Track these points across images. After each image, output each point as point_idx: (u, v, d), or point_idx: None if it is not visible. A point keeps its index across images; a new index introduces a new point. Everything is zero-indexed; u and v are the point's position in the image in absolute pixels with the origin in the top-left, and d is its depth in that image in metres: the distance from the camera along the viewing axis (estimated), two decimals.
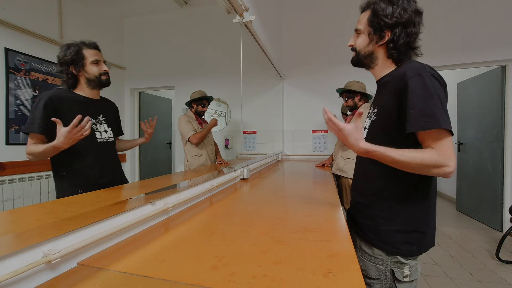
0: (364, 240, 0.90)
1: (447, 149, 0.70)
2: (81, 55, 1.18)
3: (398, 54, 0.85)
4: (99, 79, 1.22)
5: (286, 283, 0.49)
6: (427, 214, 0.83)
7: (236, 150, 3.37)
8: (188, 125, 2.25)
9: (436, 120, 0.70)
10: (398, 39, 0.83)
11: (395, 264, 0.84)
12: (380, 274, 0.86)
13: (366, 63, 0.93)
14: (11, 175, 2.18)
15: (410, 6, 0.82)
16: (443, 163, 0.69)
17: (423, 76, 0.74)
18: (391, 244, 0.83)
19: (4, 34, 2.23)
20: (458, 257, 2.44)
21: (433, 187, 0.84)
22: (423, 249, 0.84)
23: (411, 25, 0.81)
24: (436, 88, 0.73)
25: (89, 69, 1.19)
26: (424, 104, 0.72)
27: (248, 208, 1.07)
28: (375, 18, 0.85)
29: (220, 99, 3.51)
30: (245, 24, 1.77)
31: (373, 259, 0.87)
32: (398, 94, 0.78)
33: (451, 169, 0.70)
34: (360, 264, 0.87)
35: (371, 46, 0.89)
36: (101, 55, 1.25)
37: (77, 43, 1.19)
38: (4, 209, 2.12)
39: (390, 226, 0.84)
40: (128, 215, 0.78)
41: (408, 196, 0.82)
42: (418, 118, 0.71)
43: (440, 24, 2.96)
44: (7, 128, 2.22)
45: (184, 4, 3.34)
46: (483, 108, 3.30)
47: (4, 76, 2.22)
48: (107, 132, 1.28)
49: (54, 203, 0.85)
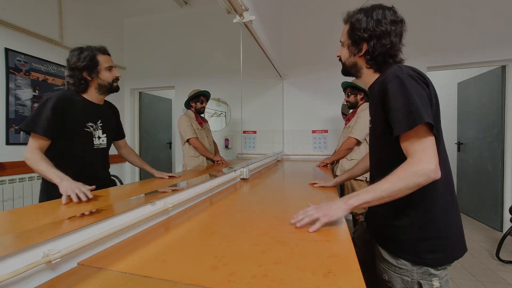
0: (386, 250, 0.86)
1: (424, 151, 0.71)
2: (96, 61, 1.17)
3: (376, 63, 0.88)
4: (111, 85, 1.23)
5: (286, 283, 0.49)
6: (445, 217, 0.80)
7: (236, 150, 3.37)
8: (188, 126, 2.25)
9: (419, 116, 0.70)
10: (374, 51, 0.85)
11: (422, 276, 0.79)
12: (407, 286, 0.81)
13: (353, 72, 0.97)
14: (11, 175, 2.18)
15: (386, 17, 0.84)
16: (418, 165, 0.70)
17: (401, 77, 0.76)
18: (414, 254, 0.79)
19: (4, 34, 2.23)
20: None
21: (448, 189, 0.81)
22: (451, 257, 0.80)
23: (386, 36, 0.83)
24: (413, 87, 0.74)
25: (103, 75, 1.19)
26: (405, 104, 0.73)
27: (248, 208, 1.07)
28: (352, 31, 0.89)
29: (220, 99, 3.51)
30: (245, 24, 1.77)
31: (397, 269, 0.82)
32: (381, 100, 0.80)
33: (432, 168, 0.69)
34: (384, 275, 0.86)
35: (352, 57, 0.93)
36: (112, 60, 1.24)
37: (90, 48, 1.18)
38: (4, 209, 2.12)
39: (408, 234, 0.81)
40: (128, 215, 0.78)
41: (420, 201, 0.79)
42: (403, 119, 0.73)
43: (440, 24, 2.96)
44: (7, 128, 2.22)
45: (184, 4, 3.34)
46: (483, 108, 3.30)
47: (4, 76, 2.22)
48: (100, 138, 1.27)
49: (54, 203, 0.85)
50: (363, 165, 1.27)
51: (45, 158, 1.02)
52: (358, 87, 2.21)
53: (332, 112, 3.31)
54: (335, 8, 3.32)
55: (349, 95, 2.28)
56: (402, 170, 0.72)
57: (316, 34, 3.40)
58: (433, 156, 0.71)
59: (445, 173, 0.78)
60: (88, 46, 1.18)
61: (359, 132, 2.12)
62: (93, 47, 1.19)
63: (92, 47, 1.18)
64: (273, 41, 2.84)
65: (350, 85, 2.26)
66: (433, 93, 0.79)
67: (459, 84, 3.81)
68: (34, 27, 2.44)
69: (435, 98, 0.79)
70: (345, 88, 2.34)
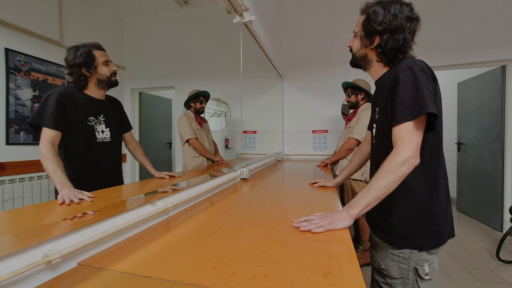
0: (384, 239, 0.90)
1: (403, 138, 0.75)
2: (92, 57, 1.20)
3: (386, 58, 0.89)
4: (109, 79, 1.26)
5: (286, 283, 0.49)
6: (439, 207, 0.84)
7: (236, 150, 3.37)
8: (187, 126, 2.25)
9: (424, 106, 0.73)
10: (386, 45, 0.86)
11: (417, 262, 0.84)
12: (403, 273, 0.85)
13: (362, 64, 0.97)
14: (11, 175, 2.18)
15: (402, 12, 0.84)
16: (400, 155, 0.74)
17: (413, 69, 0.78)
18: (411, 240, 0.84)
19: (4, 34, 2.23)
20: (458, 257, 2.44)
21: (442, 180, 0.85)
22: (442, 240, 0.85)
23: (400, 31, 0.84)
24: (424, 80, 0.76)
25: (100, 70, 1.22)
26: (414, 94, 0.76)
27: (248, 208, 1.07)
28: (367, 22, 0.88)
29: (220, 99, 3.51)
30: (245, 24, 1.77)
31: (395, 257, 0.87)
32: (391, 89, 0.82)
33: (409, 154, 0.73)
34: (381, 264, 0.90)
35: (364, 49, 0.93)
36: (108, 55, 1.27)
37: (85, 45, 1.21)
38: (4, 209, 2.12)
39: (403, 222, 0.85)
40: (128, 215, 0.78)
41: (413, 189, 0.83)
42: (408, 108, 0.76)
43: (440, 24, 2.96)
44: (7, 128, 2.22)
45: (184, 4, 3.34)
46: (483, 108, 3.30)
47: (4, 76, 2.22)
48: (104, 132, 1.30)
49: (54, 203, 0.85)
50: (358, 160, 1.29)
51: (55, 157, 1.04)
52: (359, 87, 2.21)
53: (332, 112, 3.31)
54: (335, 8, 3.32)
55: (350, 95, 2.27)
56: (387, 163, 0.76)
57: (316, 34, 3.40)
58: (415, 144, 0.75)
59: (442, 167, 0.84)
60: (83, 44, 1.21)
61: (359, 132, 2.12)
62: (88, 44, 1.22)
63: (86, 44, 1.21)
64: (273, 41, 2.84)
65: (351, 85, 2.26)
66: (438, 91, 0.80)
67: (459, 84, 3.81)
68: (34, 27, 2.44)
69: (439, 96, 0.81)
70: (345, 88, 2.34)
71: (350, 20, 1.03)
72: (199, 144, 2.24)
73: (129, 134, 1.50)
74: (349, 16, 3.14)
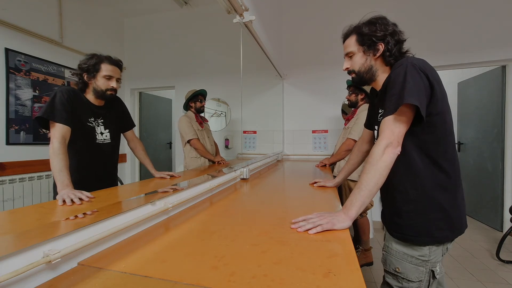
0: (401, 239, 0.89)
1: (384, 130, 0.79)
2: (98, 67, 1.25)
3: (395, 59, 0.92)
4: (104, 93, 1.29)
5: (286, 283, 0.49)
6: (450, 197, 0.84)
7: (236, 150, 3.37)
8: (188, 127, 2.24)
9: (403, 98, 0.76)
10: (392, 47, 0.90)
11: (433, 264, 0.85)
12: (421, 276, 0.85)
13: (368, 77, 0.98)
14: (11, 175, 2.18)
15: (388, 22, 0.92)
16: (380, 145, 0.77)
17: (404, 65, 0.81)
18: (427, 234, 0.84)
19: (4, 34, 2.23)
20: (458, 257, 2.44)
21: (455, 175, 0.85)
22: (456, 232, 0.85)
23: (395, 34, 0.91)
24: (412, 75, 0.79)
25: (98, 81, 1.26)
26: (399, 88, 0.78)
27: (248, 208, 1.07)
28: (363, 37, 0.93)
29: (220, 99, 3.51)
30: (245, 24, 1.77)
31: (414, 260, 0.86)
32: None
33: (387, 142, 0.77)
34: (397, 267, 0.89)
35: (369, 60, 0.95)
36: (119, 72, 1.31)
37: (101, 56, 1.26)
38: (4, 209, 2.12)
39: (417, 217, 0.85)
40: (128, 215, 0.78)
41: (424, 183, 0.84)
42: (393, 102, 0.79)
43: (440, 24, 2.96)
44: (7, 128, 2.22)
45: (184, 4, 3.34)
46: (483, 108, 3.30)
47: (4, 76, 2.22)
48: (103, 134, 1.34)
49: (54, 203, 0.85)
50: (356, 159, 1.30)
51: (65, 155, 1.06)
52: (361, 87, 2.21)
53: (332, 112, 3.31)
54: (335, 8, 3.32)
55: (350, 93, 2.28)
56: (370, 156, 0.80)
57: (316, 34, 3.40)
58: (396, 134, 0.78)
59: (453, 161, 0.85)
60: (99, 54, 1.27)
61: (358, 133, 2.12)
62: (103, 56, 1.27)
63: (101, 56, 1.27)
64: (273, 41, 2.84)
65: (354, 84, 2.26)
66: (436, 87, 0.81)
67: (459, 84, 3.81)
68: (34, 27, 2.44)
69: (441, 93, 0.82)
70: (348, 87, 2.34)
71: (350, 20, 1.03)
72: (200, 145, 2.24)
73: (130, 132, 1.52)
74: (349, 16, 3.14)
